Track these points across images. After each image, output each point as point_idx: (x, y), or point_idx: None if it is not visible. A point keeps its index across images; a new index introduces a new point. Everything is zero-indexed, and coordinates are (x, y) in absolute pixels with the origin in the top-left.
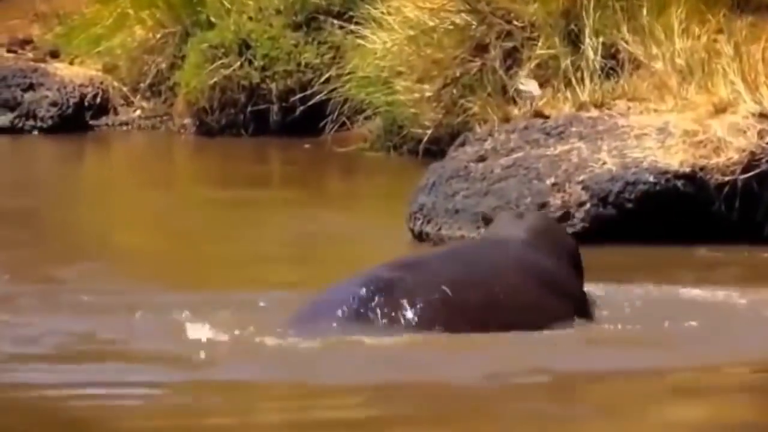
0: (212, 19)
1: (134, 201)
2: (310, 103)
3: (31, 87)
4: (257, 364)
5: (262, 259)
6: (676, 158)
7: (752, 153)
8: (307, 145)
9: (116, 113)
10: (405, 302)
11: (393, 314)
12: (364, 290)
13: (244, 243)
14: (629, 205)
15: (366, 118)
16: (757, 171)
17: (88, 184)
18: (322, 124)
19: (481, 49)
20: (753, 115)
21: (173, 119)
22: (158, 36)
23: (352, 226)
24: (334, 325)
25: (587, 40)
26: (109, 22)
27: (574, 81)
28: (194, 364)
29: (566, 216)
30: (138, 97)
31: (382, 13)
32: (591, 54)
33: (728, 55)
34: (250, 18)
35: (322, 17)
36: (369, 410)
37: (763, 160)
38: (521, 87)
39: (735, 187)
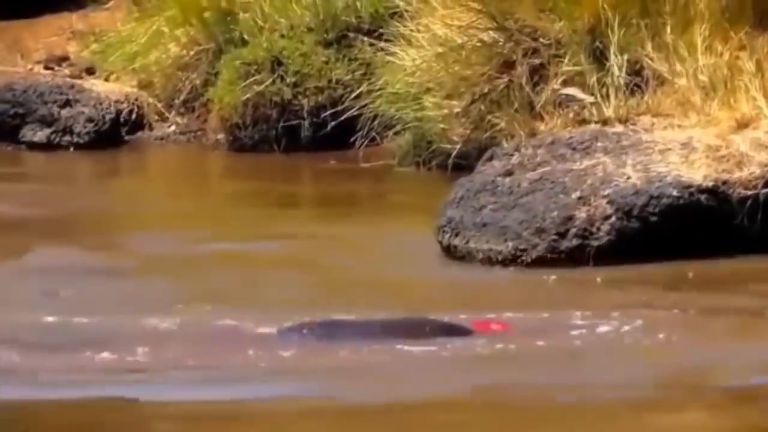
0: (245, 36)
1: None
2: (341, 118)
3: (67, 103)
4: None
5: (289, 267)
6: (699, 172)
7: None
8: (333, 161)
9: (151, 129)
10: None
11: None
12: None
13: (272, 254)
14: (653, 219)
15: (395, 134)
16: None
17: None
18: (352, 139)
19: (508, 65)
20: None
21: (207, 135)
22: (192, 53)
23: (382, 238)
24: None
25: (612, 57)
26: (144, 40)
27: (599, 97)
28: None
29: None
30: (172, 112)
31: (412, 30)
32: (616, 70)
33: (750, 71)
34: (282, 35)
35: (352, 35)
36: None
37: None
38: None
39: (757, 201)
